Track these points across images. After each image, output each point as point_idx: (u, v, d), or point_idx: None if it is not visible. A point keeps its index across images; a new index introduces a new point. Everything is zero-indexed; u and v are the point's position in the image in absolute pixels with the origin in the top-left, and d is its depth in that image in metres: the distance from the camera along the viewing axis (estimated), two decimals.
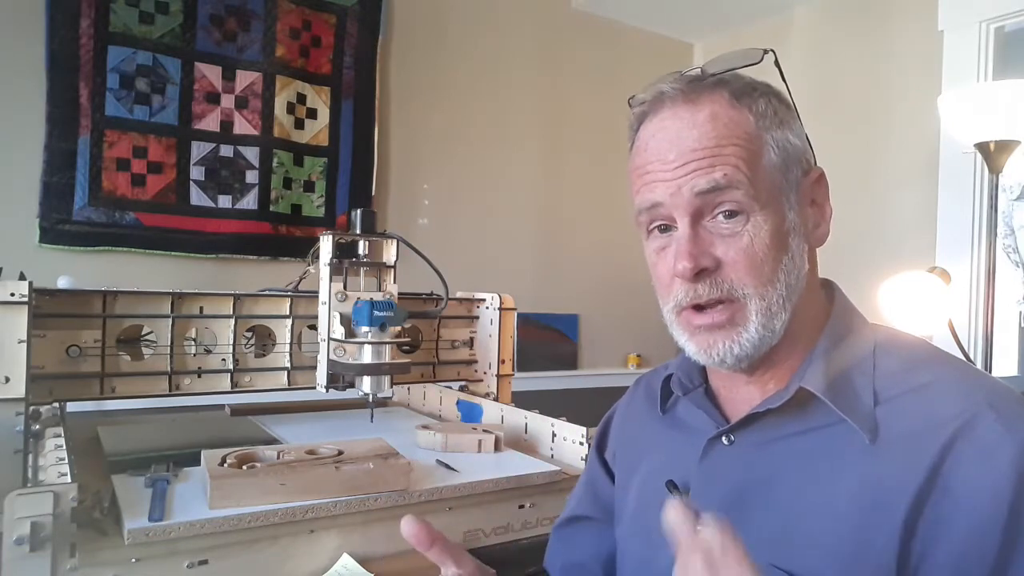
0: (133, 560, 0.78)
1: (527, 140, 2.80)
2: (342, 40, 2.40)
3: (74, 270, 1.83)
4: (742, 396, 0.68)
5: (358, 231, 1.22)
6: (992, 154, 1.79)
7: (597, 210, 2.92)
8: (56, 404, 1.14)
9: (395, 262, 1.24)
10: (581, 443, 1.16)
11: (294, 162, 2.32)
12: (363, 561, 0.90)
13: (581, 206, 2.91)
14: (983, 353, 1.89)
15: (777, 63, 0.67)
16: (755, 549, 0.48)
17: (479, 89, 2.69)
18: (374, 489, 0.94)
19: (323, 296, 1.18)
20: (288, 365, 1.28)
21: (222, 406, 1.51)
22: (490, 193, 2.71)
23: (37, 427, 1.03)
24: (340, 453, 0.98)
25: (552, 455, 1.22)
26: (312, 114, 2.35)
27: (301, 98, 2.32)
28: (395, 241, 1.24)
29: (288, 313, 1.28)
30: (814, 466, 0.61)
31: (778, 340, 0.63)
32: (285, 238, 2.29)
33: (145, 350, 1.18)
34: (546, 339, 2.82)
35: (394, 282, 1.24)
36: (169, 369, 1.18)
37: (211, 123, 2.17)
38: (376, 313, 1.11)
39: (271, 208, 2.27)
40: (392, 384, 1.16)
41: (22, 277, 1.00)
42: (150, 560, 0.79)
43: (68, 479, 0.79)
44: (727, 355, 0.63)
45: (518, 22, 2.78)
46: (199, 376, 1.21)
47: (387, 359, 1.12)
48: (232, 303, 1.23)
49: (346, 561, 0.90)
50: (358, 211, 1.22)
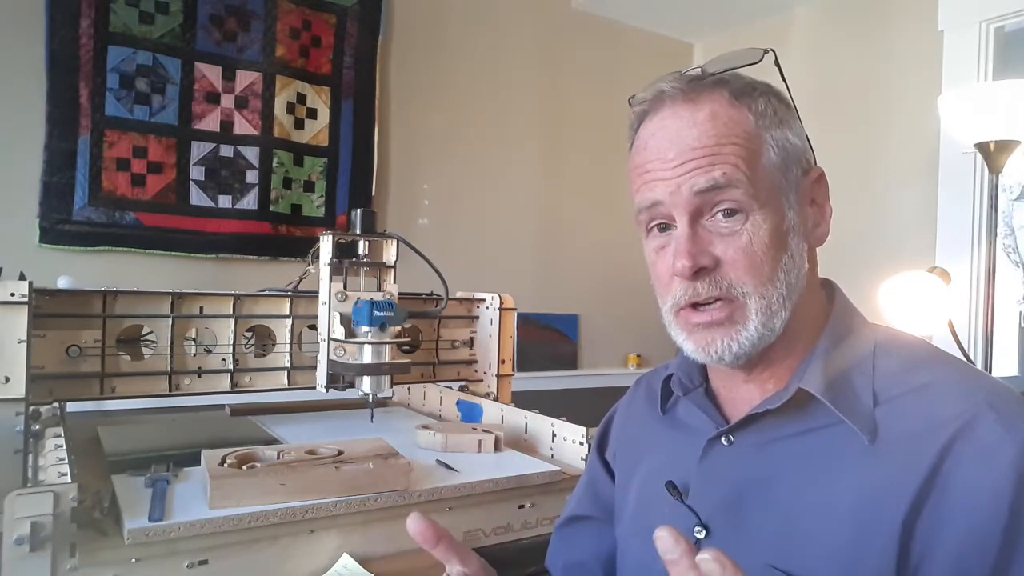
0: (133, 560, 0.78)
1: (527, 140, 2.80)
2: (342, 40, 2.40)
3: (74, 270, 1.83)
4: (742, 396, 0.68)
5: (358, 231, 1.22)
6: (992, 154, 1.79)
7: (597, 210, 2.92)
8: (56, 404, 1.14)
9: (395, 262, 1.24)
10: (581, 443, 1.16)
11: (294, 162, 2.32)
12: (363, 561, 0.90)
13: (581, 206, 2.91)
14: (983, 353, 1.89)
15: (777, 63, 0.67)
16: (754, 549, 0.48)
17: (479, 89, 2.69)
18: (374, 489, 0.93)
19: (323, 296, 1.18)
20: (288, 365, 1.28)
21: (222, 406, 1.50)
22: (490, 193, 2.71)
23: (37, 427, 1.03)
24: (340, 453, 0.98)
25: (552, 455, 1.22)
26: (312, 114, 2.35)
27: (301, 98, 2.32)
28: (395, 241, 1.24)
29: (288, 313, 1.29)
30: (813, 467, 0.61)
31: (777, 338, 0.63)
32: (285, 238, 2.29)
33: (145, 350, 1.18)
34: (546, 339, 2.82)
35: (394, 282, 1.24)
36: (169, 369, 1.18)
37: (211, 123, 2.17)
38: (376, 313, 1.11)
39: (271, 208, 2.26)
40: (392, 384, 1.16)
41: (22, 277, 1.00)
42: (150, 560, 0.79)
43: (68, 479, 0.79)
44: (725, 352, 0.63)
45: (518, 22, 2.77)
46: (199, 376, 1.21)
47: (387, 359, 1.12)
48: (232, 303, 1.24)
49: (346, 561, 0.90)
50: (358, 211, 1.22)
